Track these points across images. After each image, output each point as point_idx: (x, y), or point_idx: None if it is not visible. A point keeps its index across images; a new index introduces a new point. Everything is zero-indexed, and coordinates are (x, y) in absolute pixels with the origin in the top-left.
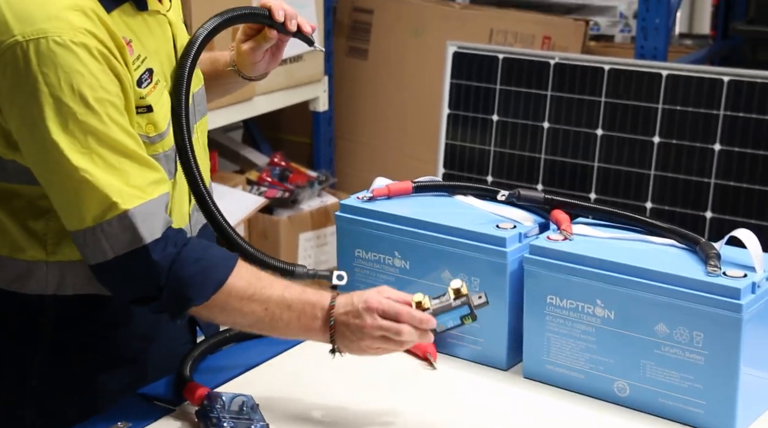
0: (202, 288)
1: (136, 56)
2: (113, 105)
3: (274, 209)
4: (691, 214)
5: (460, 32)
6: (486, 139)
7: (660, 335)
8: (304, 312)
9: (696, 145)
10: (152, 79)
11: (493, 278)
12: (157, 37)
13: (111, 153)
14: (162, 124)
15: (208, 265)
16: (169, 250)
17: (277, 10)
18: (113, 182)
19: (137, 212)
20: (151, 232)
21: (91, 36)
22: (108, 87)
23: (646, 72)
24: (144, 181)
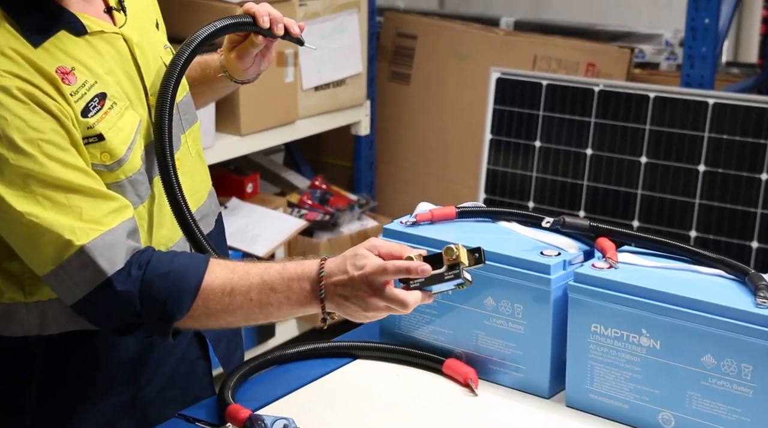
0: (178, 300)
1: (80, 84)
2: (49, 142)
3: (314, 232)
4: (737, 244)
5: (503, 58)
6: (528, 165)
7: (707, 366)
8: (291, 290)
9: (742, 175)
10: (104, 104)
11: (537, 305)
12: (108, 57)
13: (56, 192)
14: (119, 149)
15: (177, 276)
16: (134, 274)
17: (261, 16)
18: (64, 221)
19: (94, 246)
20: (112, 264)
21: (11, 77)
22: (38, 126)
23: (692, 100)
24: (99, 212)
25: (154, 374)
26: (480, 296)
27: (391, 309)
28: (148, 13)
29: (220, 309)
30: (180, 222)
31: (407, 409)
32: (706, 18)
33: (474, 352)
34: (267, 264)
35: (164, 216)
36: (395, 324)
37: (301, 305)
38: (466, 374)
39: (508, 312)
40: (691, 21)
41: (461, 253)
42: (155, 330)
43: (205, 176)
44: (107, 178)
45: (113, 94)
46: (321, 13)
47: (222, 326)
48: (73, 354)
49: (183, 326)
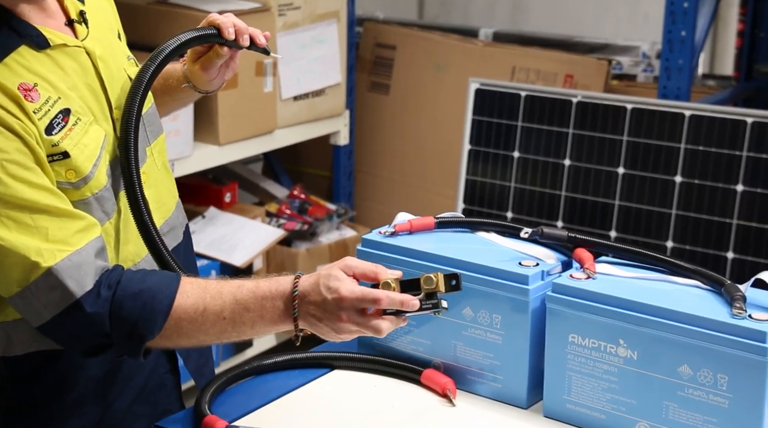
0: (150, 321)
1: (43, 100)
2: (13, 162)
3: (292, 241)
4: (713, 255)
5: (482, 69)
6: (507, 176)
7: (684, 377)
8: (264, 308)
9: (718, 186)
10: (68, 120)
11: (515, 315)
12: (71, 72)
13: (21, 213)
14: (84, 166)
15: (149, 297)
16: (104, 295)
17: (226, 28)
18: (30, 242)
19: (61, 267)
20: (81, 285)
21: None
22: (2, 146)
23: (669, 112)
24: (66, 232)
25: (122, 390)
26: (458, 306)
27: (364, 333)
28: (109, 24)
29: (192, 329)
30: (146, 241)
31: (385, 420)
32: (683, 30)
33: (452, 362)
34: (240, 282)
35: (130, 232)
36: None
37: (275, 323)
38: (444, 384)
39: (486, 323)
40: (668, 33)
41: (440, 282)
42: (126, 351)
43: (172, 187)
44: (73, 195)
45: (77, 110)
46: (300, 23)
47: (194, 344)
48: (39, 374)
49: (155, 345)
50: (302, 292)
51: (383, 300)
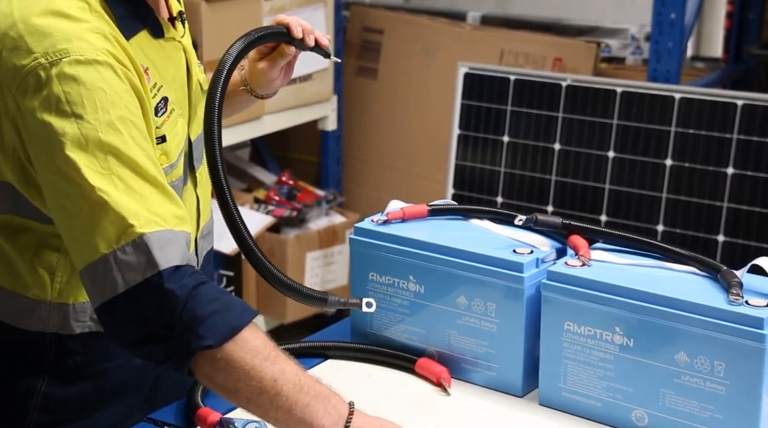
0: (215, 328)
1: (152, 84)
2: (136, 126)
3: (281, 228)
4: (703, 238)
5: (470, 53)
6: (496, 160)
7: (680, 364)
8: (317, 399)
9: (709, 169)
10: (167, 107)
11: (510, 303)
12: (173, 64)
13: (133, 175)
14: (173, 154)
15: (225, 307)
16: (187, 282)
17: (295, 26)
18: (132, 205)
19: (154, 238)
20: (168, 259)
21: (113, 57)
22: (131, 108)
23: (659, 95)
24: (166, 211)
25: (160, 380)
26: (452, 294)
27: None
28: (188, 29)
29: (242, 368)
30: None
31: (379, 409)
32: (672, 13)
33: (447, 351)
34: (303, 369)
35: None
36: (367, 323)
37: (311, 422)
38: (438, 373)
39: (480, 311)
40: (658, 16)
41: None
42: (175, 351)
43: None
44: None
45: (173, 100)
46: (287, 7)
47: (225, 389)
48: (85, 353)
49: (197, 370)
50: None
51: None
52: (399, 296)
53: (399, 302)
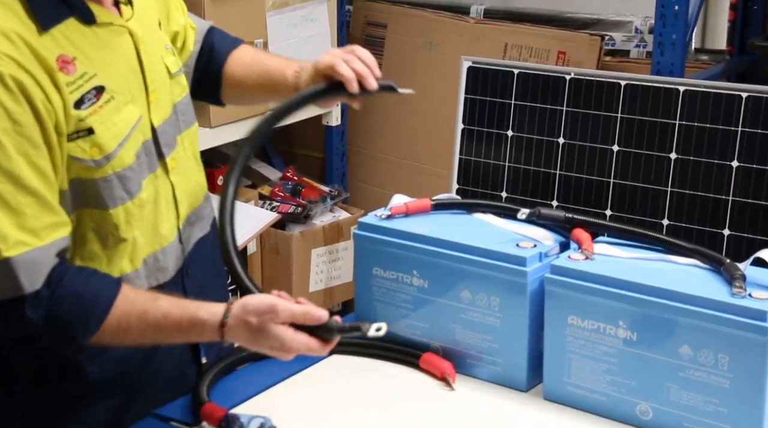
0: (84, 325)
1: (79, 74)
2: (23, 136)
3: (286, 224)
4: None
5: (474, 46)
6: (500, 155)
7: (684, 357)
8: (190, 337)
9: (714, 162)
10: (100, 97)
11: (513, 297)
12: (111, 50)
13: (13, 189)
14: (109, 145)
15: (89, 301)
16: (43, 294)
17: (350, 82)
18: (3, 225)
19: (19, 260)
20: (33, 283)
21: (8, 61)
22: (18, 118)
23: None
24: (40, 223)
25: (148, 378)
26: (456, 289)
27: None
28: (151, 12)
29: (112, 340)
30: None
31: (384, 404)
32: (676, 5)
33: (451, 346)
34: (165, 311)
35: (158, 217)
36: (372, 318)
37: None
38: (443, 368)
39: (484, 306)
40: (661, 8)
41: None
42: (55, 346)
43: (201, 179)
44: (94, 172)
45: (113, 88)
46: (290, 2)
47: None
48: (57, 353)
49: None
50: (233, 336)
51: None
52: (403, 291)
53: (403, 297)
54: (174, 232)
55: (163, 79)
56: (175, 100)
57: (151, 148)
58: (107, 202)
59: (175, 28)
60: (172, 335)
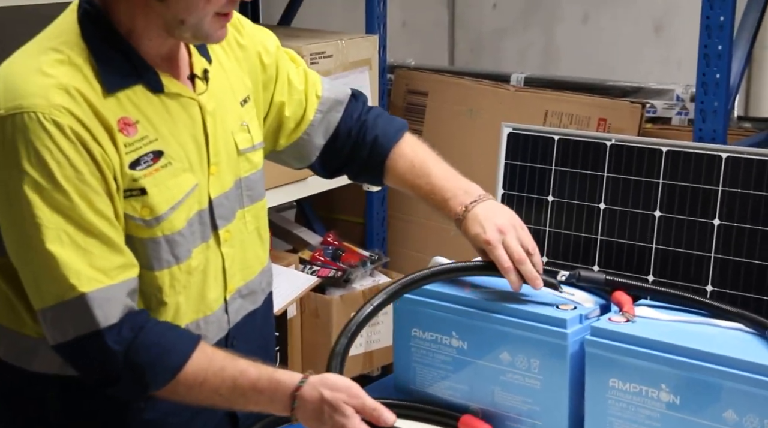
0: (159, 375)
1: (139, 137)
2: (85, 183)
3: (326, 288)
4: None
5: (514, 113)
6: (541, 220)
7: (729, 422)
8: (259, 403)
9: (758, 228)
10: (158, 161)
11: (554, 360)
12: (177, 119)
13: (77, 231)
14: (160, 207)
15: (165, 351)
16: (126, 335)
17: (515, 287)
18: (75, 262)
19: (94, 297)
20: (107, 317)
21: (67, 115)
22: (78, 166)
23: (706, 154)
24: (109, 264)
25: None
26: (496, 351)
27: None
28: (235, 88)
29: (186, 394)
30: None
31: None
32: (717, 73)
33: (490, 408)
34: (243, 368)
35: (206, 287)
36: (411, 379)
37: (270, 412)
38: None
39: (524, 368)
40: (702, 76)
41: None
42: (128, 393)
43: (261, 254)
44: (144, 232)
45: (171, 154)
46: (332, 71)
47: (187, 403)
48: (89, 401)
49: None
50: (302, 406)
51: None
52: (442, 352)
53: (442, 358)
54: (220, 302)
55: (229, 154)
56: (241, 175)
57: (207, 218)
58: (153, 263)
59: (281, 98)
60: (246, 395)
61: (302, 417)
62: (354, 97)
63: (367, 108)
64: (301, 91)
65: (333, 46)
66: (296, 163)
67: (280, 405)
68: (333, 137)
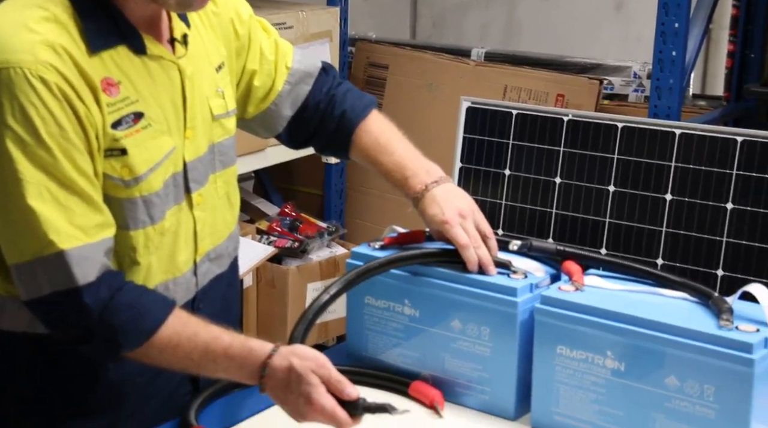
0: (132, 336)
1: (121, 98)
2: (68, 140)
3: (283, 259)
4: (703, 272)
5: (474, 88)
6: (498, 193)
7: (671, 388)
8: (229, 369)
9: (709, 204)
10: (138, 122)
11: (503, 327)
12: (157, 82)
13: (59, 188)
14: (139, 167)
15: (140, 313)
16: (102, 294)
17: (471, 266)
18: (55, 219)
19: (73, 254)
20: (85, 275)
21: (54, 72)
22: (63, 123)
23: (660, 130)
24: (89, 222)
25: (143, 403)
26: (448, 319)
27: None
28: (212, 55)
29: (158, 357)
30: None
31: None
32: (674, 51)
33: (441, 374)
34: (216, 334)
35: (177, 249)
36: (363, 346)
37: (239, 380)
38: (432, 396)
39: (474, 335)
40: (659, 53)
41: None
42: (99, 353)
43: (230, 219)
44: (122, 192)
45: (151, 116)
46: (293, 42)
47: (157, 366)
48: (57, 359)
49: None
50: (271, 375)
51: (342, 427)
52: (395, 320)
53: (394, 326)
54: (189, 265)
55: (204, 119)
56: (214, 140)
57: (180, 180)
58: (129, 223)
59: (253, 66)
60: (217, 361)
61: (270, 386)
62: (324, 70)
63: (336, 82)
64: (272, 61)
65: (294, 17)
66: (264, 132)
67: (249, 373)
68: (301, 109)
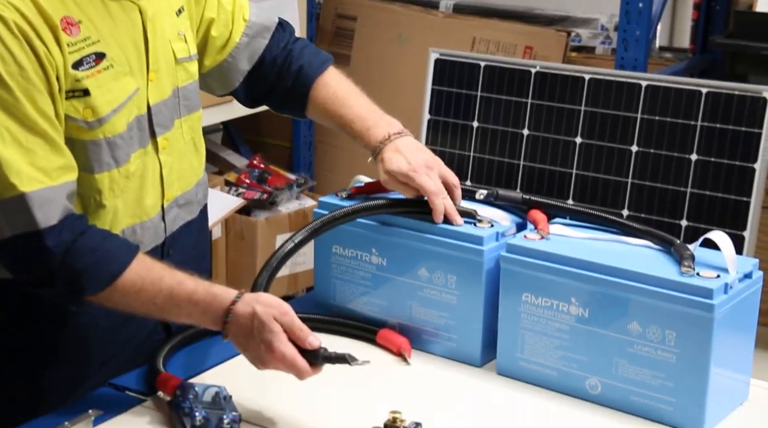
0: (95, 279)
1: (82, 38)
2: (28, 80)
3: (251, 210)
4: (668, 222)
5: (442, 40)
6: (466, 145)
7: (633, 333)
8: (193, 314)
9: (673, 155)
10: (100, 63)
11: (470, 276)
12: (118, 23)
13: (21, 129)
14: (102, 109)
15: (104, 256)
16: (65, 237)
17: (438, 214)
18: (16, 161)
19: (35, 197)
20: (47, 218)
21: (12, 9)
22: (22, 62)
23: (626, 82)
24: (50, 164)
25: (117, 348)
26: (414, 267)
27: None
28: (170, 1)
29: (121, 301)
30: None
31: (338, 379)
32: (641, 2)
33: (408, 323)
34: (181, 279)
35: (143, 192)
36: (330, 295)
37: (202, 325)
38: (399, 344)
39: (441, 283)
40: (626, 5)
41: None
42: (62, 296)
43: (197, 165)
44: (85, 134)
45: (113, 57)
46: None
47: (120, 310)
48: (23, 303)
49: (87, 301)
50: (234, 321)
51: (302, 375)
52: (362, 269)
53: (362, 275)
54: (157, 209)
55: (167, 62)
56: (178, 84)
57: (145, 124)
58: (93, 166)
59: (210, 15)
60: (180, 305)
61: (232, 332)
62: (281, 26)
63: (293, 38)
64: (229, 11)
65: None
66: (220, 87)
67: (212, 318)
68: (258, 64)
